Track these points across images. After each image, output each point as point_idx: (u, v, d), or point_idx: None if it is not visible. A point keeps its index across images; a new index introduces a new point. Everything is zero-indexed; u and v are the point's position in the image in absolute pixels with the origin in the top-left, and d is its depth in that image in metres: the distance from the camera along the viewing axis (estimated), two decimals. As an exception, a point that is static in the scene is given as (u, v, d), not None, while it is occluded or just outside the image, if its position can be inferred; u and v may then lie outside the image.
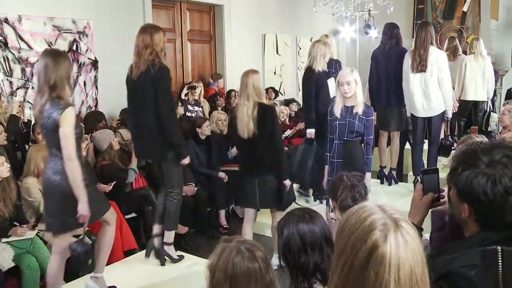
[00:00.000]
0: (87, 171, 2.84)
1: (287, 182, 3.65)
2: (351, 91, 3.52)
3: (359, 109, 3.53)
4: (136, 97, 3.25)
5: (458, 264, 1.23)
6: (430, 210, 1.59)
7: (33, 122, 4.49)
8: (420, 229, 1.53)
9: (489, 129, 6.97)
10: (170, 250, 3.45)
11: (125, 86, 3.24)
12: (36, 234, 3.50)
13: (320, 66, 4.51)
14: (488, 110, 6.73)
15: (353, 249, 0.99)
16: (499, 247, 1.22)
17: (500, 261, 1.20)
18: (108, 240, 3.01)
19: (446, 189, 1.64)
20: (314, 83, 4.53)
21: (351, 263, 0.99)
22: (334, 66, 4.95)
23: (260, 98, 3.54)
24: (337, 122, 3.61)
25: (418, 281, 0.98)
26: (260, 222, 4.75)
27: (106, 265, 3.48)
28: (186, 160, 3.32)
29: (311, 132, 4.59)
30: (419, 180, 1.67)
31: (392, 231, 0.98)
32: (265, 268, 1.51)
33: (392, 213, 1.03)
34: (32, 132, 4.24)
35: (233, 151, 5.14)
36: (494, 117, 6.99)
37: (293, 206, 4.16)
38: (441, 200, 1.63)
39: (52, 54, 2.74)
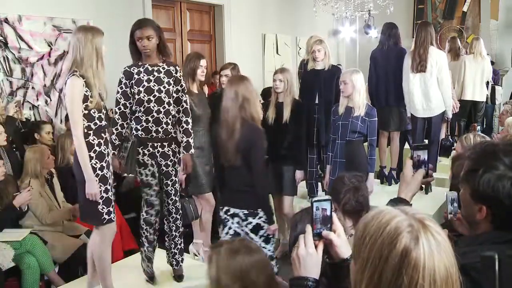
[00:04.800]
0: None
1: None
2: (346, 91, 3.57)
3: (359, 111, 3.55)
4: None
5: (471, 259, 1.21)
6: None
7: (32, 121, 4.49)
8: (410, 205, 1.52)
9: (496, 102, 7.03)
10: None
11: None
12: (36, 234, 3.51)
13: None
14: (491, 84, 6.76)
15: (381, 257, 0.91)
16: (496, 255, 1.18)
17: (497, 268, 1.17)
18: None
19: (431, 165, 1.67)
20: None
21: (380, 272, 0.91)
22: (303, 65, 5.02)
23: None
24: (340, 122, 3.63)
25: (454, 282, 0.91)
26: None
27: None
28: None
29: None
30: (410, 155, 1.68)
31: (422, 233, 0.91)
32: (265, 256, 1.54)
33: (415, 213, 0.96)
34: (33, 131, 4.24)
35: None
36: (500, 90, 7.04)
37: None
38: (429, 178, 1.65)
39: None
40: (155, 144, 3.03)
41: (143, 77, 2.99)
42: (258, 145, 2.79)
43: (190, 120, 3.11)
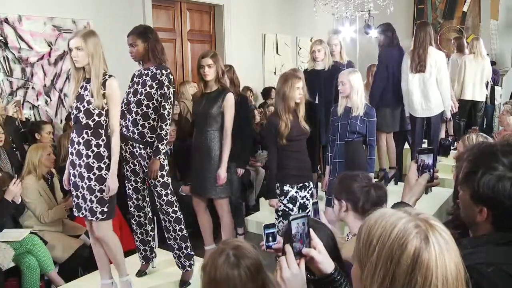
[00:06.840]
0: None
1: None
2: (345, 91, 3.59)
3: (358, 111, 3.55)
4: None
5: (474, 260, 1.20)
6: None
7: (32, 121, 4.50)
8: None
9: (496, 102, 7.06)
10: None
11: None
12: (36, 234, 3.51)
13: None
14: (490, 84, 6.80)
15: (392, 260, 0.91)
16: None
17: None
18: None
19: (436, 169, 1.65)
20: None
21: (392, 275, 0.91)
22: None
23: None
24: (339, 123, 3.64)
25: (463, 279, 0.93)
26: (260, 222, 4.76)
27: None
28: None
29: None
30: (415, 159, 1.66)
31: (431, 232, 0.92)
32: (249, 277, 1.43)
33: (418, 213, 0.96)
34: (33, 131, 4.24)
35: None
36: (499, 90, 7.06)
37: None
38: (435, 181, 1.62)
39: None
40: (134, 144, 3.16)
41: (136, 79, 3.19)
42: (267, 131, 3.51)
43: (165, 126, 3.06)
